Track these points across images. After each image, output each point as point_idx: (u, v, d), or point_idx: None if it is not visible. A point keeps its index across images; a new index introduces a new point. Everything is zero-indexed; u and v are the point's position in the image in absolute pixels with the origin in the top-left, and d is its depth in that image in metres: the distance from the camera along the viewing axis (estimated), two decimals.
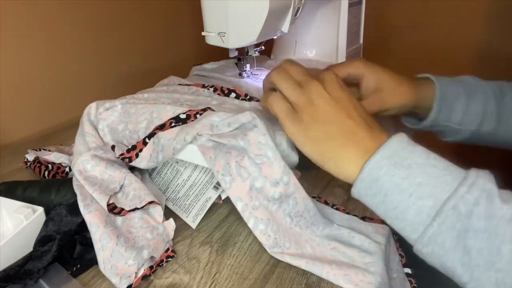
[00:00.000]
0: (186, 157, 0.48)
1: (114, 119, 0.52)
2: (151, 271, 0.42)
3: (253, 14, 0.55)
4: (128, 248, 0.42)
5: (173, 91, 0.59)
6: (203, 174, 0.51)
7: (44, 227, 0.43)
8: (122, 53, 0.95)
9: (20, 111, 0.75)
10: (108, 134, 0.52)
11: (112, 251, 0.41)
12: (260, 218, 0.43)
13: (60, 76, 0.81)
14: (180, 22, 1.11)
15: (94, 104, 0.53)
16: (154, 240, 0.44)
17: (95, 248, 0.42)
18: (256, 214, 0.43)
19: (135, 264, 0.41)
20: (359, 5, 0.85)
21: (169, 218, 0.48)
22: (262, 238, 0.43)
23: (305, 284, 0.41)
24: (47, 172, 0.57)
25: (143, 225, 0.46)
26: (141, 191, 0.47)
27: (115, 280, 0.40)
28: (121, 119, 0.52)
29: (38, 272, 0.39)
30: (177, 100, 0.55)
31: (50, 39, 0.77)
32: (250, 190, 0.43)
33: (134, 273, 0.40)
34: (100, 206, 0.44)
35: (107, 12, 0.89)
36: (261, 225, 0.43)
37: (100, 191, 0.45)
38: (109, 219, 0.44)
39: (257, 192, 0.43)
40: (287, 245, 0.43)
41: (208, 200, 0.49)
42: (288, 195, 0.43)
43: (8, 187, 0.49)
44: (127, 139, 0.51)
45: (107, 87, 0.92)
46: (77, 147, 0.51)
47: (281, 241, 0.43)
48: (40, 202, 0.47)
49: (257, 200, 0.43)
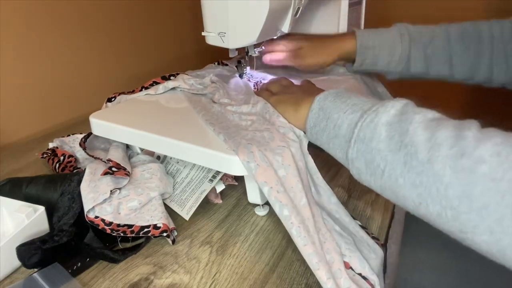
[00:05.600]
0: (186, 157, 0.48)
1: None
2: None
3: (253, 14, 0.55)
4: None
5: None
6: (200, 171, 0.51)
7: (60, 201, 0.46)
8: (122, 53, 0.95)
9: (20, 111, 0.75)
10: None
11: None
12: (285, 203, 0.41)
13: (61, 76, 0.81)
14: (180, 22, 1.11)
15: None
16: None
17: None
18: (281, 198, 0.41)
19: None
20: (359, 5, 0.85)
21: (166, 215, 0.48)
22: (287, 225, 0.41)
23: (305, 284, 0.41)
24: (57, 165, 0.58)
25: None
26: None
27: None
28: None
29: (69, 228, 0.43)
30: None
31: (50, 39, 0.77)
32: (275, 174, 0.42)
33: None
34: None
35: (107, 12, 0.89)
36: (285, 210, 0.41)
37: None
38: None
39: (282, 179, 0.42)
40: (311, 239, 0.41)
41: (203, 192, 0.49)
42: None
43: (12, 183, 0.49)
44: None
45: (107, 87, 0.92)
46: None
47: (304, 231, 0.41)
48: (44, 198, 0.47)
49: (281, 186, 0.42)
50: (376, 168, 0.36)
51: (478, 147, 0.29)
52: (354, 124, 0.39)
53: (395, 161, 0.34)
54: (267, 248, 0.46)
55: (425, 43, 0.65)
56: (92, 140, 0.57)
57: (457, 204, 0.29)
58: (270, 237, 0.48)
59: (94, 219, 0.44)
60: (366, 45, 0.67)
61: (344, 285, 0.39)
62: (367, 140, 0.37)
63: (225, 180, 0.55)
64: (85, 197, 0.45)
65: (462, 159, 0.29)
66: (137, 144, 0.53)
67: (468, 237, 0.30)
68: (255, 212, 0.52)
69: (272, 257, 0.45)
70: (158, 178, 0.50)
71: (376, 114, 0.37)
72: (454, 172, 0.29)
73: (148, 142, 0.50)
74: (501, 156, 0.28)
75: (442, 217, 0.31)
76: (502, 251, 0.28)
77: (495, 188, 0.27)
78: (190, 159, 0.48)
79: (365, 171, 0.38)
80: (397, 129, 0.35)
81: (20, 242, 0.41)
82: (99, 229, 0.44)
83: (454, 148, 0.30)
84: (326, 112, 0.43)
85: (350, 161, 0.39)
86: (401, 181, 0.34)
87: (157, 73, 0.65)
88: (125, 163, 0.50)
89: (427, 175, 0.31)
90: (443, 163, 0.30)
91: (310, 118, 0.45)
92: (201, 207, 0.50)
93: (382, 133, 0.36)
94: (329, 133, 0.42)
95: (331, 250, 0.41)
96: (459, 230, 0.30)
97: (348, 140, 0.39)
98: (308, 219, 0.41)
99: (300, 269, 0.43)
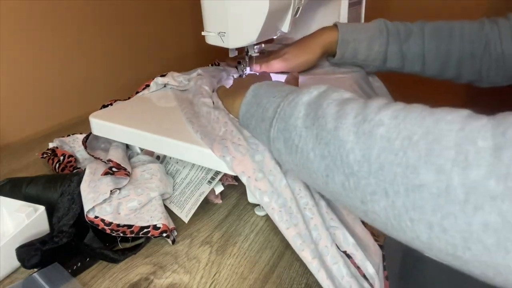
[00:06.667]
0: (185, 157, 0.48)
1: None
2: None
3: (253, 14, 0.55)
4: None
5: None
6: (199, 171, 0.51)
7: (60, 201, 0.46)
8: (122, 52, 0.95)
9: (20, 111, 0.75)
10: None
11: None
12: (264, 190, 0.42)
13: (61, 76, 0.81)
14: (180, 22, 1.11)
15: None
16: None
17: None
18: (260, 186, 0.42)
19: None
20: (359, 5, 0.85)
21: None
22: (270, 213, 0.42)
23: (305, 284, 0.41)
24: (57, 165, 0.58)
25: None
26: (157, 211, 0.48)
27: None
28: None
29: (69, 229, 0.43)
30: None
31: (50, 39, 0.77)
32: (252, 162, 0.42)
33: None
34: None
35: (107, 12, 0.89)
36: (265, 197, 0.42)
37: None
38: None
39: (260, 165, 0.43)
40: (294, 221, 0.41)
41: (202, 195, 0.49)
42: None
43: (12, 183, 0.49)
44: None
45: (107, 87, 0.92)
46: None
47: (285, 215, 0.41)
48: (44, 198, 0.47)
49: (260, 172, 0.42)
50: (292, 145, 0.36)
51: (380, 112, 0.30)
52: (277, 104, 0.40)
53: (309, 136, 0.35)
54: (267, 248, 0.46)
55: (402, 39, 0.69)
56: (92, 140, 0.57)
57: (357, 169, 0.30)
58: (270, 237, 0.48)
59: (94, 219, 0.44)
60: (347, 39, 0.70)
61: (331, 262, 0.39)
62: (286, 118, 0.37)
63: (225, 180, 0.55)
64: (85, 197, 0.45)
65: (363, 124, 0.30)
66: (137, 144, 0.53)
67: (369, 208, 0.30)
68: (255, 212, 0.52)
69: (272, 257, 0.45)
70: (158, 178, 0.50)
71: (298, 95, 0.38)
72: (356, 137, 0.30)
73: (148, 142, 0.50)
74: (398, 118, 0.29)
75: (346, 188, 0.31)
76: (397, 216, 0.28)
77: (390, 147, 0.28)
78: (189, 158, 0.48)
79: (284, 150, 0.38)
80: (314, 107, 0.36)
81: (20, 242, 0.41)
82: (99, 229, 0.44)
83: (359, 116, 0.31)
84: (257, 98, 0.44)
85: (271, 141, 0.40)
86: (312, 155, 0.34)
87: (157, 72, 0.65)
88: (125, 163, 0.50)
89: (333, 143, 0.32)
90: (347, 130, 0.31)
91: (243, 105, 0.46)
92: (201, 207, 0.50)
93: (301, 111, 0.36)
94: (257, 118, 0.43)
95: (319, 225, 0.41)
96: (361, 201, 0.30)
97: (271, 121, 0.40)
98: (291, 200, 0.41)
99: (300, 269, 0.43)
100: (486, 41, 0.65)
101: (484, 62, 0.66)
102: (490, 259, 0.24)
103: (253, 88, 0.45)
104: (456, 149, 0.25)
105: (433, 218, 0.25)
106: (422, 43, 0.68)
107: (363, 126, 0.30)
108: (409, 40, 0.68)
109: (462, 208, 0.24)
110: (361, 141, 0.30)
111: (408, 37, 0.69)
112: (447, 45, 0.67)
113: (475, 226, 0.23)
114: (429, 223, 0.26)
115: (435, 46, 0.68)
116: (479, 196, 0.23)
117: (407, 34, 0.69)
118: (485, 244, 0.23)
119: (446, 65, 0.68)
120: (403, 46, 0.69)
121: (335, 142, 0.32)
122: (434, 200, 0.25)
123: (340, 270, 0.39)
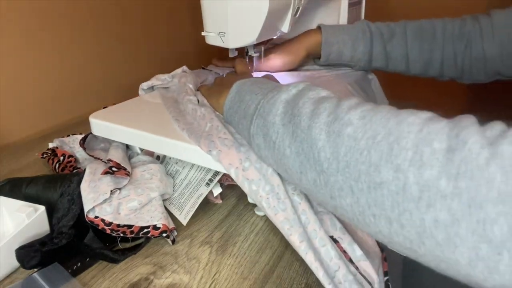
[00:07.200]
0: (185, 157, 0.48)
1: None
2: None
3: (253, 14, 0.55)
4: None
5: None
6: (198, 172, 0.51)
7: (60, 202, 0.46)
8: (122, 53, 0.95)
9: (20, 111, 0.75)
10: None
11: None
12: (251, 178, 0.42)
13: (61, 76, 0.81)
14: (180, 22, 1.11)
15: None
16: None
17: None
18: (248, 175, 0.42)
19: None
20: (359, 5, 0.85)
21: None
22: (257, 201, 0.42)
23: (305, 284, 0.41)
24: (57, 165, 0.58)
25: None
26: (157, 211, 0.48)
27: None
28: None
29: (69, 230, 0.43)
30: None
31: (50, 40, 0.77)
32: (238, 153, 0.43)
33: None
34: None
35: (107, 12, 0.89)
36: (253, 186, 0.42)
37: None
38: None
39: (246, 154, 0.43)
40: (281, 206, 0.41)
41: (200, 197, 0.49)
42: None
43: (12, 183, 0.49)
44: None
45: (107, 87, 0.92)
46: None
47: (273, 202, 0.41)
48: (44, 198, 0.47)
49: (247, 161, 0.43)
50: (270, 141, 0.38)
51: (349, 112, 0.31)
52: (258, 101, 0.41)
53: (285, 133, 0.36)
54: (267, 248, 0.46)
55: (385, 40, 0.71)
56: (91, 140, 0.57)
57: (326, 167, 0.31)
58: (270, 237, 0.48)
59: (94, 219, 0.44)
60: (331, 41, 0.71)
61: (319, 244, 0.39)
62: (265, 115, 0.39)
63: (225, 181, 0.55)
64: (85, 197, 0.45)
65: (334, 124, 0.32)
66: (137, 144, 0.53)
67: (337, 204, 0.31)
68: (255, 212, 0.52)
69: (272, 257, 0.45)
70: (158, 178, 0.50)
71: (278, 92, 0.39)
72: (327, 136, 0.32)
73: (147, 142, 0.50)
74: (365, 118, 0.30)
75: (317, 184, 0.33)
76: (362, 212, 0.29)
77: (356, 146, 0.29)
78: (188, 158, 0.48)
79: (263, 146, 0.39)
80: (292, 105, 0.37)
81: (20, 242, 0.41)
82: (99, 229, 0.44)
83: (331, 115, 0.32)
84: (241, 95, 0.45)
85: (252, 137, 0.41)
86: (288, 151, 0.35)
87: (157, 73, 0.65)
88: (126, 163, 0.50)
89: (307, 141, 0.33)
90: (319, 128, 0.32)
91: (227, 101, 0.47)
92: (200, 208, 0.50)
93: (279, 108, 0.37)
94: (240, 114, 0.44)
95: (307, 210, 0.41)
96: (330, 196, 0.32)
97: (251, 118, 0.41)
98: (278, 186, 0.41)
99: (300, 269, 0.43)
100: (468, 40, 0.67)
101: (465, 60, 0.68)
102: (441, 254, 0.25)
103: (236, 84, 0.46)
104: (414, 149, 0.26)
105: (392, 214, 0.27)
106: (405, 44, 0.70)
107: (333, 126, 0.31)
108: (392, 40, 0.70)
109: (416, 205, 0.25)
110: (331, 140, 0.31)
111: (391, 37, 0.70)
112: (429, 45, 0.69)
113: (427, 223, 0.25)
114: (388, 219, 0.27)
115: (418, 46, 0.69)
116: (431, 194, 0.25)
117: (390, 34, 0.71)
118: (437, 240, 0.25)
119: (429, 64, 0.70)
120: (386, 47, 0.71)
121: (308, 140, 0.33)
122: (392, 197, 0.27)
123: (328, 252, 0.39)
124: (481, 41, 0.65)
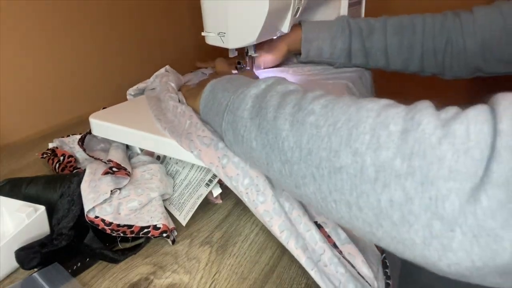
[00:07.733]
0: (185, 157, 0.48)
1: None
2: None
3: (253, 14, 0.55)
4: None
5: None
6: (198, 172, 0.51)
7: (59, 203, 0.46)
8: (122, 53, 0.95)
9: (20, 111, 0.75)
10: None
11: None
12: (231, 175, 0.43)
13: (61, 76, 0.81)
14: (180, 22, 1.11)
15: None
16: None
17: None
18: (227, 172, 0.43)
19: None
20: (359, 5, 0.85)
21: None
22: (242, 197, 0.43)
23: (305, 284, 0.41)
24: (57, 165, 0.58)
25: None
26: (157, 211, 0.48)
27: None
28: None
29: (69, 231, 0.43)
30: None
31: (50, 40, 0.77)
32: (216, 151, 0.43)
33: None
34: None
35: (106, 13, 0.89)
36: (233, 181, 0.42)
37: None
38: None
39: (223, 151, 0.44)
40: (260, 199, 0.41)
41: (200, 197, 0.49)
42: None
43: (12, 183, 0.49)
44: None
45: (108, 87, 0.92)
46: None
47: (253, 195, 0.42)
48: (44, 199, 0.47)
49: (224, 158, 0.43)
50: (238, 135, 0.38)
51: (313, 102, 0.32)
52: (229, 98, 0.41)
53: (252, 126, 0.36)
54: (267, 248, 0.46)
55: (364, 36, 0.71)
56: (90, 140, 0.57)
57: (290, 156, 0.32)
58: (270, 237, 0.48)
59: (94, 219, 0.44)
60: (310, 38, 0.72)
61: (304, 229, 0.40)
62: (235, 110, 0.39)
63: None
64: (86, 197, 0.45)
65: (298, 114, 0.32)
66: (136, 144, 0.53)
67: (302, 192, 0.32)
68: None
69: (272, 257, 0.45)
70: (159, 179, 0.50)
71: (248, 88, 0.39)
72: (290, 126, 0.32)
73: (147, 142, 0.50)
74: (327, 107, 0.31)
75: (282, 174, 0.33)
76: (324, 199, 0.30)
77: (317, 134, 0.30)
78: (187, 158, 0.48)
79: (233, 141, 0.40)
80: (260, 99, 0.37)
81: (20, 242, 0.41)
82: (99, 229, 0.44)
83: (295, 106, 0.33)
84: (214, 93, 0.45)
85: (223, 133, 0.41)
86: (254, 144, 0.36)
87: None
88: (126, 163, 0.50)
89: (272, 132, 0.34)
90: (284, 119, 0.33)
91: (202, 100, 0.47)
92: (200, 208, 0.50)
93: (248, 103, 0.38)
94: (213, 112, 0.44)
95: (290, 197, 0.42)
96: (295, 185, 0.32)
97: (223, 114, 0.41)
98: (257, 177, 0.42)
99: (300, 269, 0.43)
100: (448, 36, 0.67)
101: (446, 56, 0.68)
102: (397, 234, 0.26)
103: (211, 83, 0.47)
104: (371, 133, 0.27)
105: (350, 198, 0.27)
106: (384, 39, 0.70)
107: (297, 115, 0.32)
108: (371, 36, 0.70)
109: (373, 187, 0.26)
110: (295, 129, 0.32)
111: (371, 33, 0.71)
112: (409, 41, 0.69)
113: (383, 203, 0.25)
114: (348, 203, 0.28)
115: (398, 41, 0.69)
116: (386, 175, 0.25)
117: (369, 30, 0.71)
118: (392, 220, 0.25)
119: (409, 60, 0.70)
120: (366, 43, 0.71)
121: (273, 131, 0.33)
122: (351, 180, 0.27)
123: (313, 236, 0.40)
124: (461, 37, 0.65)
